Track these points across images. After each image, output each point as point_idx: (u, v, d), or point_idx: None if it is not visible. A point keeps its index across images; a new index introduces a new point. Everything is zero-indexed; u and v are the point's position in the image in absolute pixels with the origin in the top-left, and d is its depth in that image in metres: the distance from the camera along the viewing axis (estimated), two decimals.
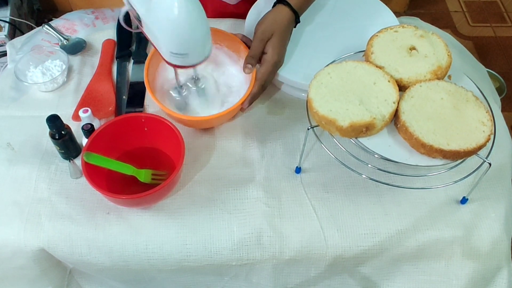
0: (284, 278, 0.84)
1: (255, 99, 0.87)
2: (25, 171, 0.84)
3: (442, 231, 0.81)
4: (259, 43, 0.86)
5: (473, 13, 2.37)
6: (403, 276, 0.85)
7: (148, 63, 0.87)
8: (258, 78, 0.86)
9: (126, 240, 0.79)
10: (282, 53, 0.88)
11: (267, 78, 0.87)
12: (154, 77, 0.90)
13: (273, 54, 0.86)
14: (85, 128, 0.82)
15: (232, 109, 0.83)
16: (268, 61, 0.86)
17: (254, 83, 0.85)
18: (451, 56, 0.80)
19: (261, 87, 0.86)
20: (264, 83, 0.86)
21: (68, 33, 1.06)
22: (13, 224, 0.79)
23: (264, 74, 0.86)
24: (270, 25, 0.87)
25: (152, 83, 0.88)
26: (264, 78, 0.86)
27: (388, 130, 0.76)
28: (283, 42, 0.88)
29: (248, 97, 0.85)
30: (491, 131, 0.72)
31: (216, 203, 0.82)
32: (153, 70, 0.90)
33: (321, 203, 0.83)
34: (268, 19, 0.88)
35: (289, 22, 0.89)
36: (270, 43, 0.86)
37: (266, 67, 0.86)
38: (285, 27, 0.88)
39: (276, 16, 0.88)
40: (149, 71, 0.87)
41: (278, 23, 0.87)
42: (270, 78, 0.88)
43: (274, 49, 0.86)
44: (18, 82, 0.96)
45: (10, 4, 1.80)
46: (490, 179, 0.85)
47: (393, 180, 0.83)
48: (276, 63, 0.87)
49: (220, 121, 0.91)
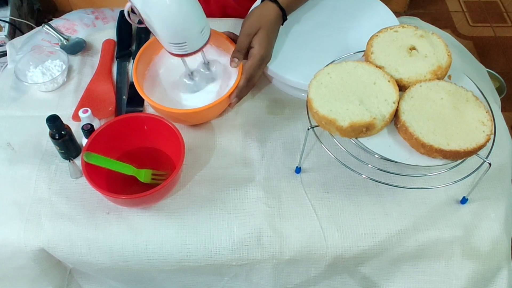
0: (284, 278, 0.84)
1: (243, 94, 0.87)
2: (25, 171, 0.84)
3: (442, 231, 0.81)
4: (245, 38, 0.87)
5: (473, 13, 2.37)
6: (403, 276, 0.85)
7: (138, 58, 0.89)
8: (244, 71, 0.86)
9: (126, 240, 0.79)
10: (269, 47, 0.89)
11: (253, 72, 0.87)
12: (156, 72, 0.93)
13: (259, 49, 0.86)
14: (85, 128, 0.82)
15: (219, 101, 0.84)
16: (255, 55, 0.86)
17: (241, 76, 0.86)
18: (451, 56, 0.80)
19: (247, 80, 0.86)
20: (250, 76, 0.87)
21: (68, 33, 1.06)
22: (13, 224, 0.79)
23: (250, 68, 0.86)
24: (256, 20, 0.88)
25: (155, 78, 0.90)
26: (250, 71, 0.86)
27: (388, 130, 0.76)
28: (270, 37, 0.89)
29: (234, 90, 0.85)
30: (491, 131, 0.72)
31: (216, 203, 0.82)
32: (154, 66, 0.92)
33: (321, 203, 0.83)
34: (255, 14, 0.89)
35: (276, 18, 0.89)
36: (257, 38, 0.87)
37: (252, 61, 0.86)
38: (272, 22, 0.89)
39: (262, 11, 0.89)
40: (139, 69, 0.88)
41: (264, 18, 0.88)
42: (258, 72, 0.88)
43: (260, 44, 0.86)
44: (18, 82, 0.96)
45: (10, 4, 1.80)
46: (490, 179, 0.85)
47: (393, 180, 0.83)
48: (263, 57, 0.87)
49: (209, 115, 0.90)
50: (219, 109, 0.90)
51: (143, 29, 1.05)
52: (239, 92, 0.86)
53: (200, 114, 0.87)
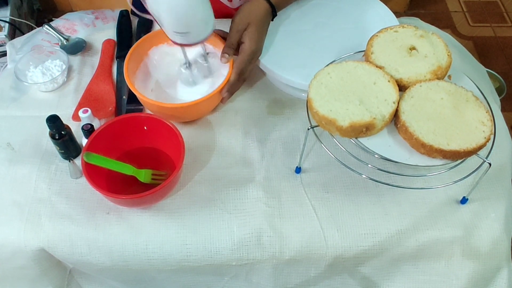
0: (284, 278, 0.84)
1: (235, 89, 0.88)
2: (25, 171, 0.84)
3: (442, 231, 0.81)
4: (235, 33, 0.88)
5: (473, 13, 2.37)
6: (403, 276, 0.85)
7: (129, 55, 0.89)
8: (235, 66, 0.87)
9: (126, 240, 0.79)
10: (260, 42, 0.90)
11: (244, 67, 0.87)
12: (149, 69, 0.93)
13: (250, 44, 0.87)
14: (85, 128, 0.82)
15: (210, 96, 0.84)
16: (245, 50, 0.87)
17: (231, 71, 0.86)
18: (451, 56, 0.80)
19: (238, 75, 0.87)
20: (241, 71, 0.87)
21: (68, 33, 1.07)
22: (13, 224, 0.79)
23: (241, 63, 0.87)
24: (245, 15, 0.88)
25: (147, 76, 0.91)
26: (240, 67, 0.87)
27: (388, 130, 0.76)
28: (260, 32, 0.89)
29: (225, 85, 0.85)
30: (491, 131, 0.72)
31: (216, 203, 0.82)
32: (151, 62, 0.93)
33: (321, 203, 0.83)
34: (244, 10, 0.89)
35: (265, 13, 0.90)
36: (247, 33, 0.87)
37: (243, 56, 0.87)
38: (261, 17, 0.89)
39: (252, 7, 0.90)
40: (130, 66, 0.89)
41: (254, 14, 0.89)
42: (249, 67, 0.89)
43: (251, 39, 0.87)
44: (18, 82, 0.96)
45: (10, 4, 1.80)
46: (490, 179, 0.85)
47: (393, 180, 0.83)
48: (254, 52, 0.88)
49: (200, 109, 0.90)
50: (211, 103, 0.90)
51: (143, 28, 1.05)
52: (230, 87, 0.86)
53: (190, 108, 0.86)
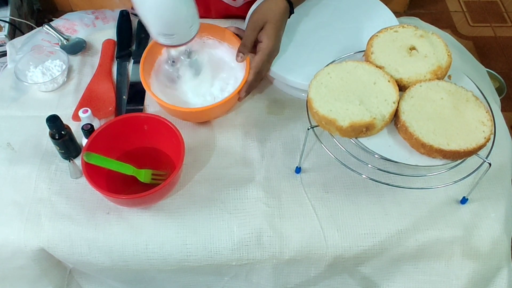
0: (284, 278, 0.84)
1: (252, 88, 0.88)
2: (25, 171, 0.84)
3: (442, 231, 0.81)
4: (252, 32, 0.87)
5: (473, 13, 2.37)
6: (403, 276, 0.85)
7: (143, 59, 0.89)
8: (252, 66, 0.86)
9: (126, 240, 0.79)
10: (277, 41, 0.89)
11: (262, 66, 0.87)
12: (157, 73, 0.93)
13: (268, 43, 0.86)
14: (85, 128, 0.82)
15: (228, 99, 0.84)
16: (263, 49, 0.86)
17: (249, 71, 0.86)
18: (451, 56, 0.80)
19: (256, 75, 0.86)
20: (259, 71, 0.87)
21: (68, 33, 1.06)
22: (13, 224, 0.79)
23: (258, 62, 0.86)
24: (263, 14, 0.87)
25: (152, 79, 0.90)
26: (258, 66, 0.86)
27: (388, 130, 0.76)
28: (278, 31, 0.88)
29: (244, 85, 0.85)
30: (491, 131, 0.72)
31: (216, 203, 0.82)
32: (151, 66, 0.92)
33: (321, 203, 0.83)
34: (262, 9, 0.88)
35: (283, 11, 0.89)
36: (264, 32, 0.86)
37: (260, 55, 0.86)
38: (279, 16, 0.88)
39: (269, 5, 0.88)
40: (145, 67, 0.88)
41: (271, 12, 0.87)
42: (266, 66, 0.89)
43: (269, 38, 0.86)
44: (18, 82, 0.96)
45: (10, 4, 1.80)
46: (490, 179, 0.85)
47: (393, 180, 0.83)
48: (271, 51, 0.87)
49: (217, 112, 0.90)
50: (229, 105, 0.90)
51: (143, 28, 1.05)
52: (248, 86, 0.86)
53: (208, 112, 0.87)
